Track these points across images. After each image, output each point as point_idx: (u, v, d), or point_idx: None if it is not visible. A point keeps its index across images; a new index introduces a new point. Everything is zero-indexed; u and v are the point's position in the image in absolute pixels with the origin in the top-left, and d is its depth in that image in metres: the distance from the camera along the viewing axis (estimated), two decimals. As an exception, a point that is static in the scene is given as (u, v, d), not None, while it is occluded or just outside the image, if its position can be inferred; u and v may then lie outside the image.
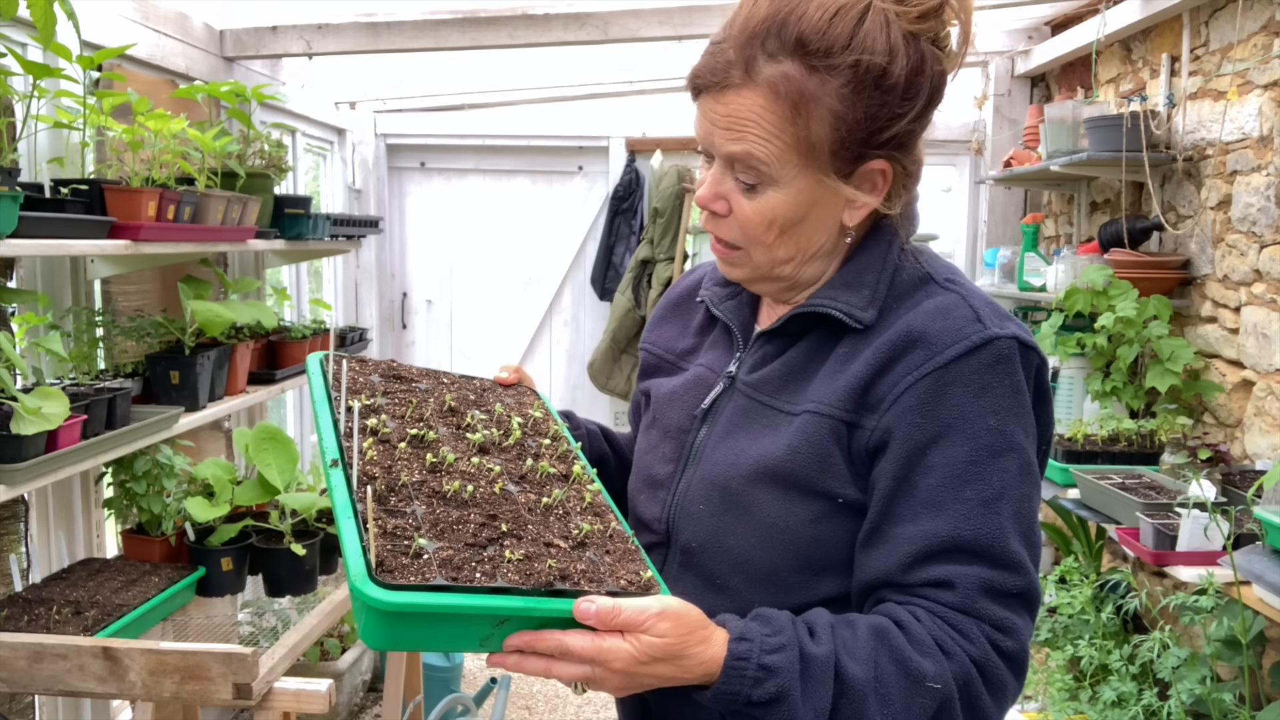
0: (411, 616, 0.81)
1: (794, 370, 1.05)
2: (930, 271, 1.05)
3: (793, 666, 0.88)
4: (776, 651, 0.88)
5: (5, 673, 1.73)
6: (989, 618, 0.92)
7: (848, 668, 0.88)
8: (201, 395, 2.52)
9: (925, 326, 0.98)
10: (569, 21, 3.39)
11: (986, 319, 0.98)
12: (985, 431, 0.94)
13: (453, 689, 3.46)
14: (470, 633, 0.85)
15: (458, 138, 4.86)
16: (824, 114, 0.94)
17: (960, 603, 0.92)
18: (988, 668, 0.90)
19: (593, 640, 0.85)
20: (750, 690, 0.87)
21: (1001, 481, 0.93)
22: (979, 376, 0.95)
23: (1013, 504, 0.93)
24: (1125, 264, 3.12)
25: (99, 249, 2.09)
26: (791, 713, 0.87)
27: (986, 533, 0.92)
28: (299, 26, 3.43)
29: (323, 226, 3.25)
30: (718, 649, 0.88)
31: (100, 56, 2.09)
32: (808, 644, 0.89)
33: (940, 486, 0.93)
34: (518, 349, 5.02)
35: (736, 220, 1.01)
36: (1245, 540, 2.14)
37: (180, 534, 2.45)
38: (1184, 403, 3.03)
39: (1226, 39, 2.91)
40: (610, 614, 0.85)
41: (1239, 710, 2.11)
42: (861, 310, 1.02)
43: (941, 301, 1.00)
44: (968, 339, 0.96)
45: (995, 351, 0.95)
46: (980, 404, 0.94)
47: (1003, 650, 0.91)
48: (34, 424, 1.79)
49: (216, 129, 2.55)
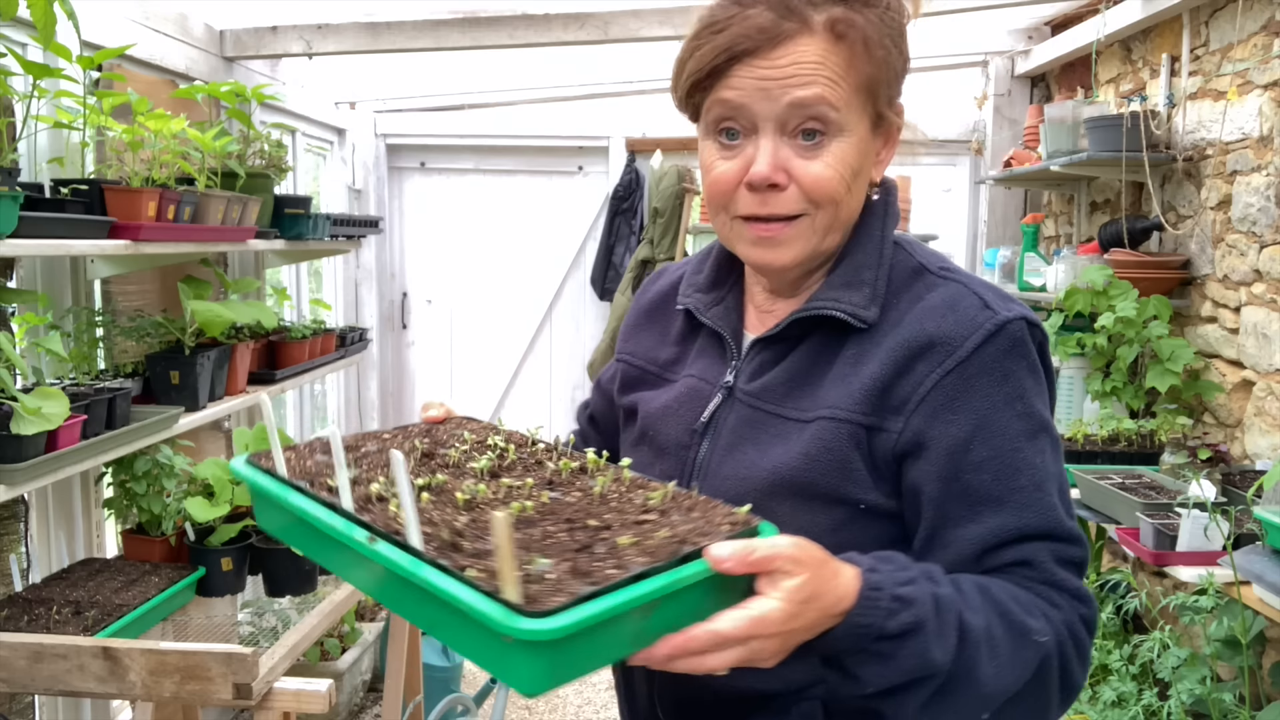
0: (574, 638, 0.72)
1: (798, 376, 1.03)
2: (923, 262, 1.05)
3: (927, 599, 0.86)
4: (909, 584, 0.86)
5: (5, 673, 1.73)
6: (1069, 588, 0.94)
7: (967, 615, 0.88)
8: (201, 395, 2.52)
9: (939, 322, 0.98)
10: (569, 21, 3.39)
11: (994, 304, 0.99)
12: (1018, 417, 0.95)
13: (453, 689, 3.46)
14: (623, 635, 0.77)
15: (458, 138, 4.87)
16: (879, 55, 0.98)
17: (1043, 576, 0.94)
18: (1076, 633, 0.93)
19: (742, 613, 0.79)
20: (884, 621, 0.84)
21: (1044, 462, 0.96)
22: (1000, 364, 0.96)
23: (1056, 480, 0.96)
24: (1125, 264, 3.12)
25: (99, 249, 2.09)
26: (924, 646, 0.85)
27: (1046, 515, 0.94)
28: (299, 26, 3.43)
29: (323, 226, 3.25)
30: (850, 581, 0.84)
31: (100, 56, 2.09)
32: (933, 584, 0.88)
33: (994, 481, 0.94)
34: (518, 349, 5.02)
35: (801, 186, 0.98)
36: (1245, 540, 2.14)
37: (180, 534, 2.45)
38: (1184, 403, 3.03)
39: (1226, 39, 2.91)
40: (745, 552, 0.79)
41: (1239, 710, 2.11)
42: (864, 309, 1.01)
43: (946, 294, 1.00)
44: (981, 328, 0.96)
45: (1010, 336, 0.96)
46: (1007, 390, 0.95)
47: (1084, 618, 0.95)
48: (34, 424, 1.79)
49: (216, 129, 2.55)
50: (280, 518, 0.98)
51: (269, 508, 0.99)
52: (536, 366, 5.06)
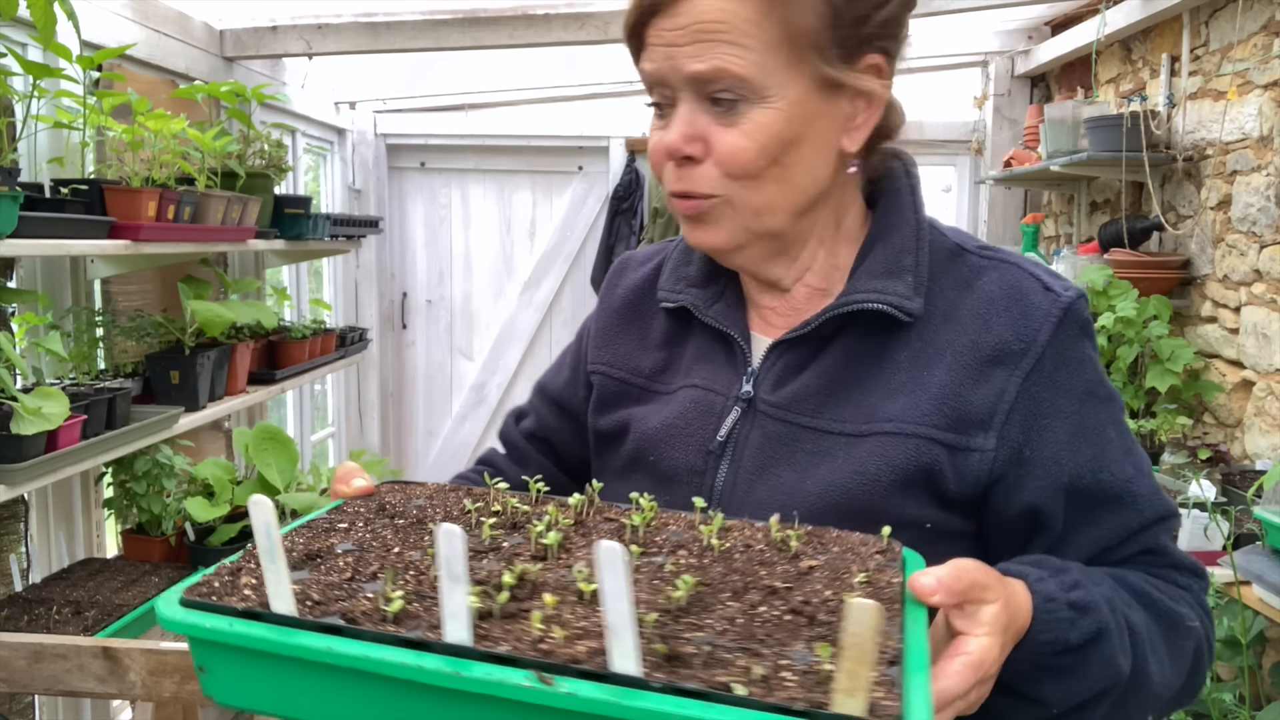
0: None
1: (835, 381, 0.90)
2: (958, 242, 0.95)
3: (1101, 602, 0.79)
4: (1077, 588, 0.78)
5: (5, 673, 1.73)
6: (1188, 564, 0.91)
7: (1128, 614, 0.81)
8: (201, 395, 2.52)
9: (1007, 319, 0.88)
10: (569, 21, 3.39)
11: (1053, 285, 0.90)
12: (1101, 403, 0.89)
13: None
14: None
15: (458, 138, 4.86)
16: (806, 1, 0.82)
17: (1167, 560, 0.90)
18: (1207, 608, 0.90)
19: (961, 661, 0.66)
20: (1067, 633, 0.75)
21: (1134, 442, 0.91)
22: (1074, 351, 0.88)
23: (1146, 459, 0.92)
24: (1125, 264, 3.12)
25: (99, 249, 2.09)
26: (1111, 651, 0.77)
27: (1155, 499, 0.89)
28: (299, 26, 3.43)
29: (323, 226, 3.25)
30: (1024, 596, 0.74)
31: (100, 56, 2.09)
32: (1095, 584, 0.81)
33: (1108, 479, 0.87)
34: (518, 349, 5.02)
35: (716, 159, 0.84)
36: (1245, 540, 2.14)
37: (180, 534, 2.45)
38: (1184, 403, 3.03)
39: (1226, 39, 2.90)
40: (952, 581, 0.67)
41: (1239, 710, 2.11)
42: (909, 300, 0.89)
43: (1004, 281, 0.90)
44: (1050, 317, 0.88)
45: (1077, 318, 0.89)
46: (1086, 378, 0.89)
47: (1204, 588, 0.91)
48: (34, 424, 1.79)
49: (216, 129, 2.55)
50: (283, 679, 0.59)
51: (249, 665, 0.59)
52: (536, 367, 5.06)
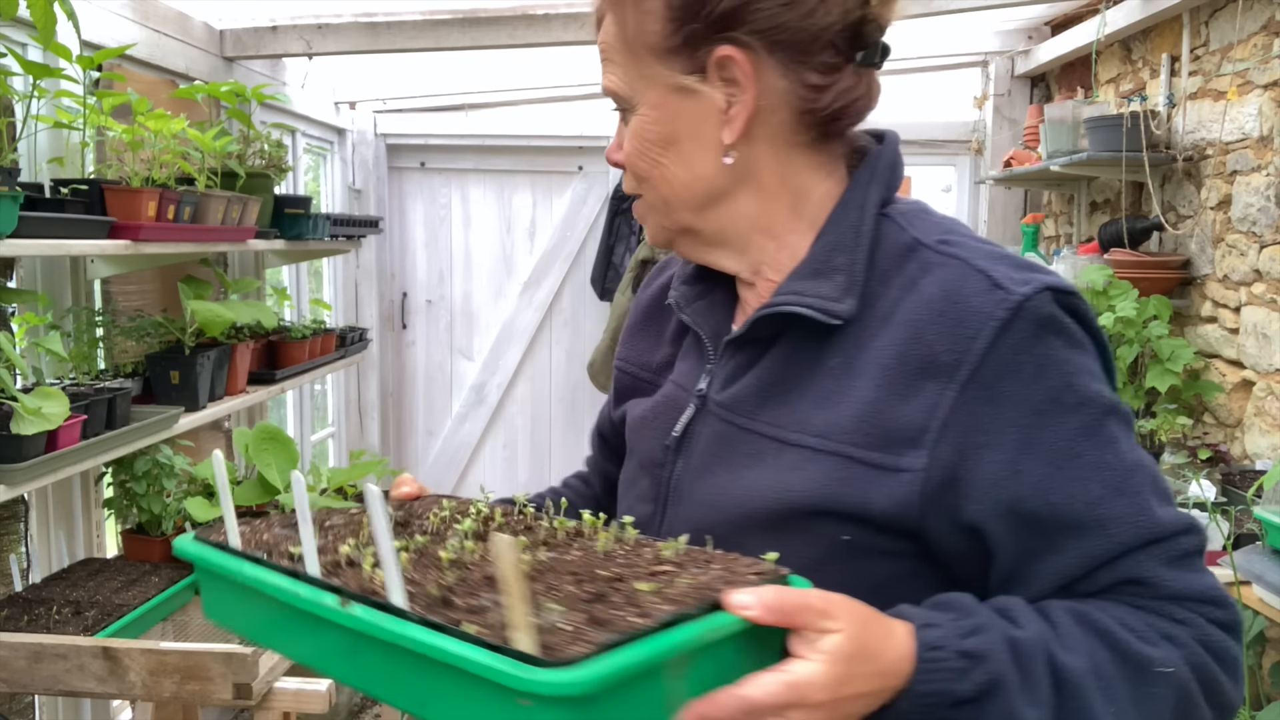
0: (603, 696, 0.60)
1: (772, 384, 0.87)
2: (917, 236, 0.86)
3: (1000, 649, 0.71)
4: (975, 634, 0.72)
5: (5, 673, 1.73)
6: (1192, 594, 0.78)
7: (1061, 656, 0.73)
8: (201, 395, 2.52)
9: (939, 323, 0.80)
10: (569, 21, 3.39)
11: (1005, 281, 0.80)
12: (1069, 412, 0.77)
13: (453, 689, 3.45)
14: (656, 697, 0.64)
15: (458, 138, 4.86)
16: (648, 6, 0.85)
17: (1156, 591, 0.77)
18: (1215, 646, 0.77)
19: (776, 676, 0.66)
20: (955, 685, 0.70)
21: (1118, 455, 0.78)
22: (1028, 354, 0.78)
23: (1141, 472, 0.78)
24: (1125, 264, 3.12)
25: (99, 249, 2.09)
26: (1010, 705, 0.70)
27: (1138, 520, 0.77)
28: (299, 26, 3.43)
29: (323, 226, 3.25)
30: (903, 641, 0.70)
31: (100, 56, 2.09)
32: (1009, 626, 0.74)
33: (1064, 501, 0.77)
34: (518, 349, 5.02)
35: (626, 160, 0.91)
36: (1245, 540, 2.14)
37: (180, 534, 2.45)
38: (1184, 403, 3.03)
39: (1226, 39, 2.91)
40: (775, 599, 0.66)
41: (1239, 710, 2.12)
42: (835, 302, 0.84)
43: (944, 279, 0.82)
44: (993, 318, 0.78)
45: (1032, 316, 0.78)
46: (1047, 384, 0.77)
47: (1220, 622, 0.78)
48: (34, 424, 1.79)
49: (216, 129, 2.55)
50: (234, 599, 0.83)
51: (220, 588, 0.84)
52: (536, 367, 5.06)
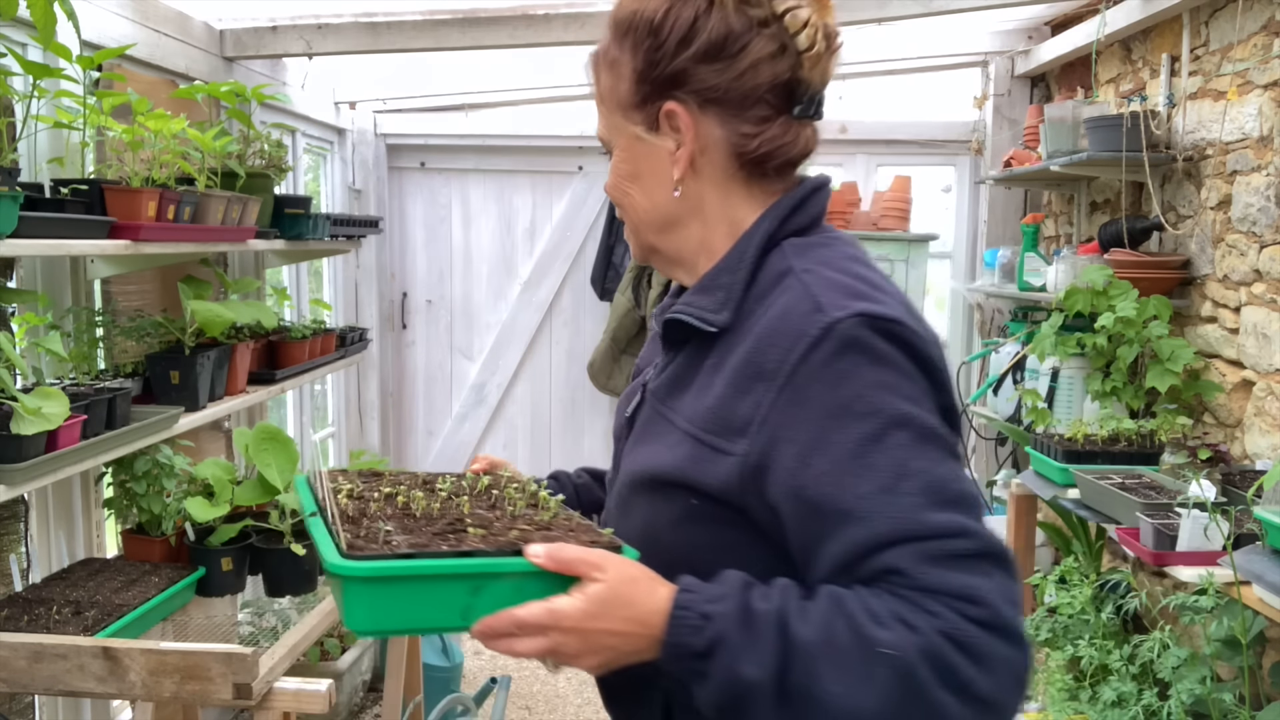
0: (386, 588, 0.86)
1: (678, 377, 1.08)
2: (792, 264, 1.01)
3: (731, 614, 0.87)
4: (718, 601, 0.88)
5: (5, 673, 1.73)
6: (947, 589, 0.86)
7: (796, 627, 0.86)
8: (201, 395, 2.52)
9: (772, 336, 0.96)
10: (569, 21, 3.39)
11: (828, 304, 0.94)
12: (858, 419, 0.90)
13: (453, 689, 3.46)
14: (449, 605, 0.88)
15: (458, 138, 4.86)
16: (618, 66, 1.08)
17: (912, 582, 0.87)
18: (961, 638, 0.84)
19: (540, 604, 0.88)
20: (691, 639, 0.87)
21: (897, 460, 0.89)
22: (831, 368, 0.91)
23: (919, 478, 0.89)
24: (1125, 264, 3.12)
25: (99, 249, 2.09)
26: (731, 661, 0.85)
27: (899, 518, 0.87)
28: (299, 26, 3.43)
29: (323, 226, 3.25)
30: (663, 599, 0.89)
31: (100, 56, 2.09)
32: (754, 599, 0.88)
33: (838, 494, 0.89)
34: (518, 349, 5.02)
35: None
36: (1245, 540, 2.14)
37: (180, 534, 2.45)
38: (1184, 403, 3.03)
39: (1226, 39, 2.91)
40: (557, 549, 0.89)
41: (1239, 710, 2.11)
42: (714, 313, 1.02)
43: (786, 300, 0.97)
44: (807, 335, 0.93)
45: (840, 336, 0.92)
46: (843, 393, 0.91)
47: (975, 619, 0.85)
48: (34, 424, 1.79)
49: (216, 129, 2.55)
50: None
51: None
52: (536, 367, 5.06)
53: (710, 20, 1.03)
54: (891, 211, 4.30)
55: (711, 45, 1.03)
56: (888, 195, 4.34)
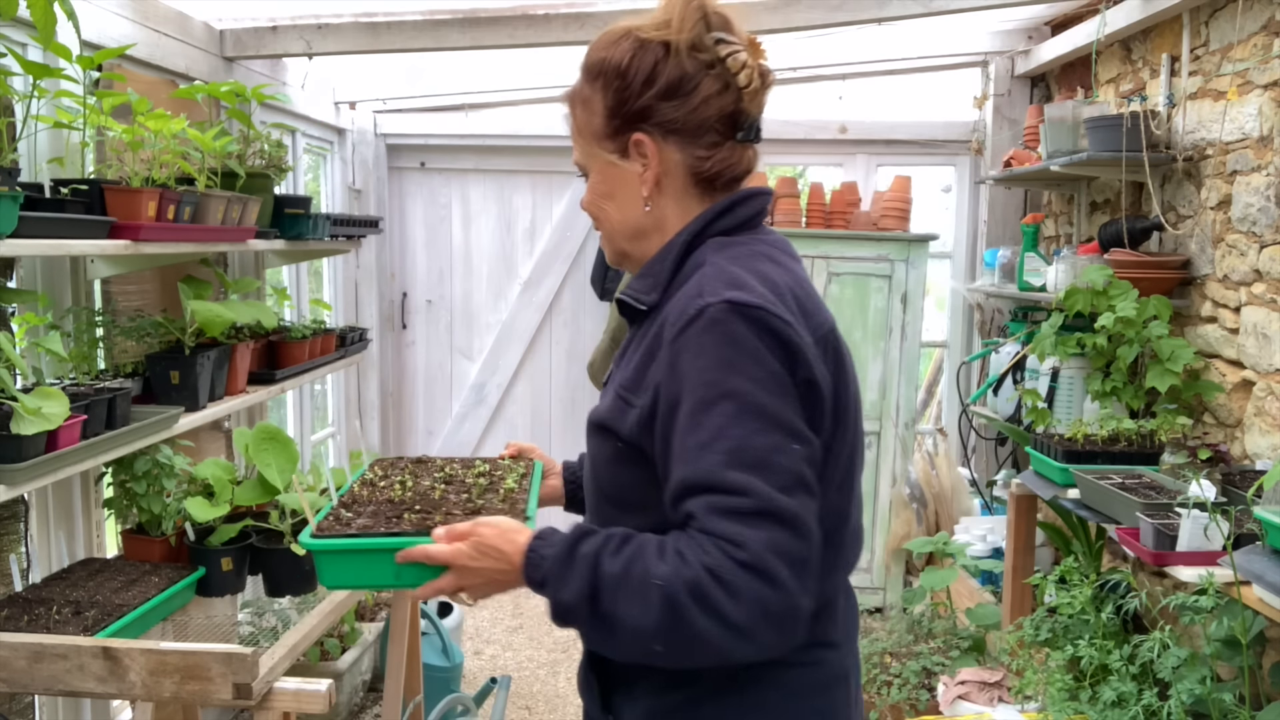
0: (337, 558, 1.26)
1: (625, 348, 1.32)
2: (707, 258, 1.23)
3: (560, 556, 1.13)
4: (553, 546, 1.15)
5: (5, 673, 1.73)
6: (721, 534, 1.07)
7: (605, 564, 1.11)
8: (201, 395, 2.52)
9: (671, 314, 1.18)
10: (569, 21, 3.39)
11: (708, 291, 1.15)
12: (701, 386, 1.12)
13: (453, 689, 3.46)
14: (382, 570, 1.25)
15: (458, 138, 4.86)
16: (591, 104, 1.29)
17: (700, 525, 1.09)
18: (721, 573, 1.05)
19: (445, 546, 1.21)
20: (533, 574, 1.16)
21: (719, 424, 1.10)
22: (696, 340, 1.13)
23: (730, 441, 1.09)
24: (1125, 264, 3.12)
25: (99, 249, 2.09)
26: (556, 590, 1.13)
27: (704, 471, 1.09)
28: (299, 26, 3.43)
29: (323, 226, 3.25)
30: (521, 546, 1.17)
31: (100, 56, 2.09)
32: (581, 544, 1.13)
33: (679, 442, 1.13)
34: (518, 349, 5.02)
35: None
36: (1245, 540, 2.14)
37: (180, 534, 2.45)
38: (1184, 403, 3.03)
39: (1226, 39, 2.91)
40: (451, 528, 1.23)
41: (1239, 710, 2.11)
42: (645, 295, 1.26)
43: (688, 286, 1.20)
44: (687, 314, 1.15)
45: (709, 316, 1.13)
46: (698, 364, 1.13)
47: (736, 559, 1.05)
48: (34, 424, 1.79)
49: (216, 129, 2.55)
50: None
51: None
52: (537, 366, 5.06)
53: (668, 65, 1.23)
54: (891, 211, 4.30)
55: (670, 85, 1.23)
56: (888, 195, 4.34)
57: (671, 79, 1.23)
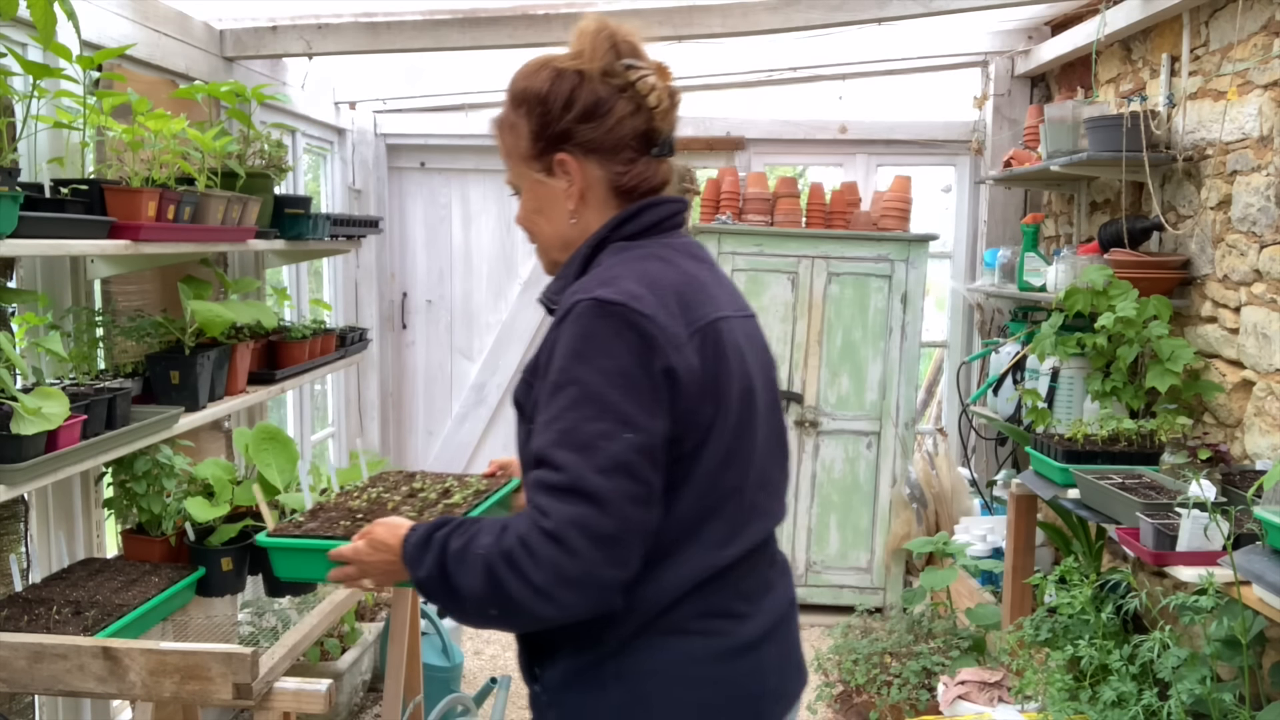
0: (284, 554, 1.60)
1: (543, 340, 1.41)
2: (602, 260, 1.37)
3: (419, 542, 1.30)
4: (416, 535, 1.32)
5: (5, 673, 1.73)
6: (536, 505, 1.22)
7: (451, 543, 1.27)
8: (201, 395, 2.52)
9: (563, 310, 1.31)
10: (569, 21, 3.38)
11: (582, 289, 1.29)
12: (556, 372, 1.26)
13: (453, 689, 3.46)
14: (320, 566, 1.50)
15: (458, 138, 4.86)
16: (517, 129, 1.41)
17: (528, 496, 1.25)
18: (527, 540, 1.20)
19: (350, 546, 1.43)
20: (406, 560, 1.32)
21: (558, 407, 1.24)
22: (566, 331, 1.27)
23: (564, 424, 1.23)
24: (1125, 264, 3.12)
25: (99, 249, 2.09)
26: (414, 570, 1.31)
27: (540, 446, 1.24)
28: (299, 26, 3.43)
29: (323, 226, 3.25)
30: (399, 539, 1.34)
31: (100, 56, 2.09)
32: (437, 533, 1.29)
33: (537, 420, 1.28)
34: (518, 349, 5.02)
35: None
36: (1245, 540, 2.14)
37: (180, 534, 2.45)
38: (1184, 403, 3.03)
39: (1226, 39, 2.91)
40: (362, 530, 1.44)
41: (1239, 710, 2.11)
42: (556, 294, 1.39)
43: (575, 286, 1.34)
44: (565, 308, 1.29)
45: (576, 311, 1.27)
46: (559, 351, 1.27)
47: (541, 528, 1.19)
48: (34, 424, 1.79)
49: (216, 129, 2.55)
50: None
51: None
52: (536, 366, 5.05)
53: (583, 91, 1.37)
54: (891, 211, 4.30)
55: (586, 109, 1.36)
56: (888, 195, 4.34)
57: (587, 103, 1.36)
